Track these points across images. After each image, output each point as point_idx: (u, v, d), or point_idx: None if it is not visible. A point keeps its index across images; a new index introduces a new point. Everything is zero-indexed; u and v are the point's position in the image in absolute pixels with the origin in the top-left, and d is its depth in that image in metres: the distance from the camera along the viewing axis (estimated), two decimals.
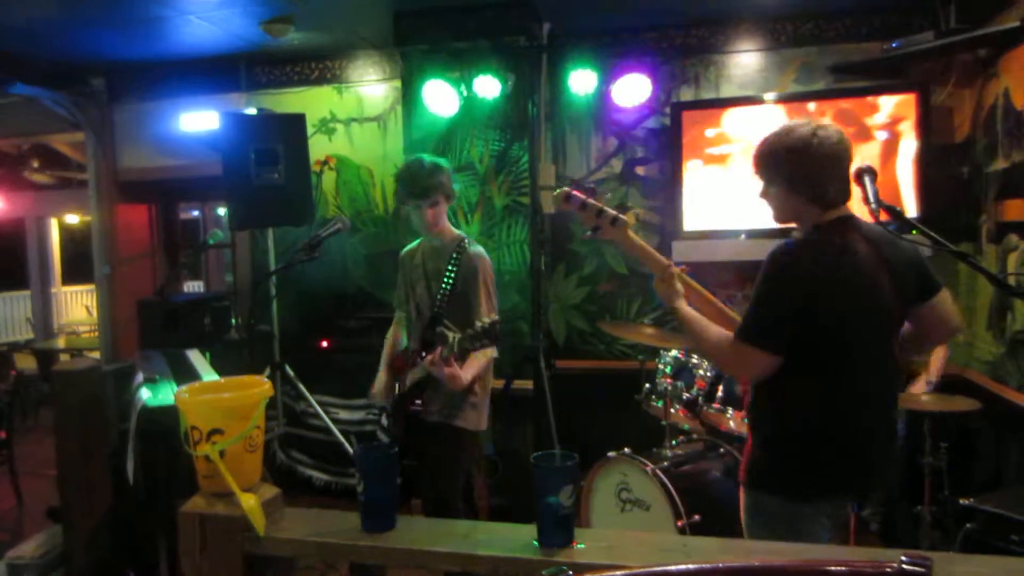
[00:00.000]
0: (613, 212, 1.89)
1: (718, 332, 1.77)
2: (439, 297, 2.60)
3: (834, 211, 1.74)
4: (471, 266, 2.59)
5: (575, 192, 1.91)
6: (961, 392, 3.21)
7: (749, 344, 1.67)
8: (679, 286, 1.87)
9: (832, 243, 1.69)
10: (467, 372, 2.44)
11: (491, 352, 2.45)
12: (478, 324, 2.21)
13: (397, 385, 2.68)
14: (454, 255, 2.62)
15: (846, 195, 1.75)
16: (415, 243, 2.85)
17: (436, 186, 2.57)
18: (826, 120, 1.80)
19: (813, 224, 1.75)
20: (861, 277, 1.67)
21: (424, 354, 2.43)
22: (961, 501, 2.82)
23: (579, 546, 1.29)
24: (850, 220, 1.75)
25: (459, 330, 2.38)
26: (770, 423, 1.78)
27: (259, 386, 1.46)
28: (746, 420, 1.90)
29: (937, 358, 3.40)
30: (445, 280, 2.59)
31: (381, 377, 2.79)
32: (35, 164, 8.14)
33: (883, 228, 1.72)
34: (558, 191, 1.93)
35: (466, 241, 2.67)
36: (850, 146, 1.74)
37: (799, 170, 1.71)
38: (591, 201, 1.90)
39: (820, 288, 1.64)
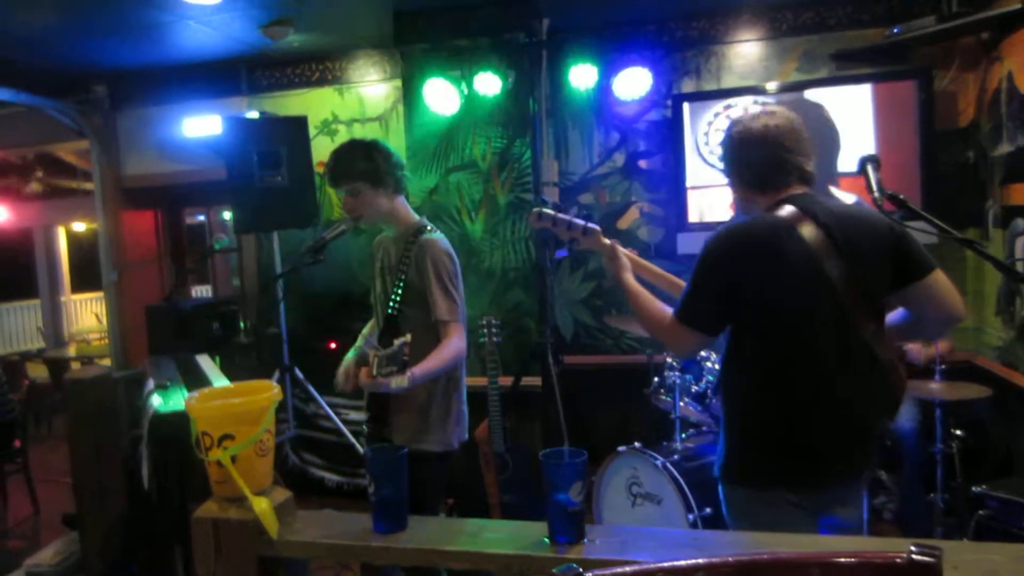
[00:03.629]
0: (581, 222, 1.97)
1: (659, 308, 1.82)
2: (393, 296, 2.28)
3: (779, 194, 1.70)
4: (421, 255, 2.24)
5: (545, 211, 2.00)
6: (971, 379, 3.20)
7: (680, 323, 1.72)
8: (624, 259, 1.96)
9: (763, 226, 1.66)
10: (413, 374, 2.01)
11: (404, 382, 1.95)
12: (396, 343, 1.91)
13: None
14: (408, 246, 2.28)
15: (791, 176, 1.70)
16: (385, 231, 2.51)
17: (349, 173, 2.25)
18: (764, 106, 1.82)
19: (762, 208, 1.73)
20: (794, 260, 1.60)
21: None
22: (973, 488, 2.81)
23: (589, 542, 1.29)
24: (799, 201, 1.67)
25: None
26: (727, 413, 1.79)
27: (268, 391, 1.46)
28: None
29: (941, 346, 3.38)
30: (400, 276, 2.27)
31: (344, 364, 2.45)
32: (40, 173, 8.19)
33: (854, 209, 1.70)
34: (530, 211, 2.03)
35: (426, 227, 2.33)
36: (784, 126, 1.70)
37: (734, 160, 1.78)
38: (560, 216, 1.98)
39: (742, 272, 1.63)
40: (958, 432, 3.22)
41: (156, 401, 2.33)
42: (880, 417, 1.74)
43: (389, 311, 2.28)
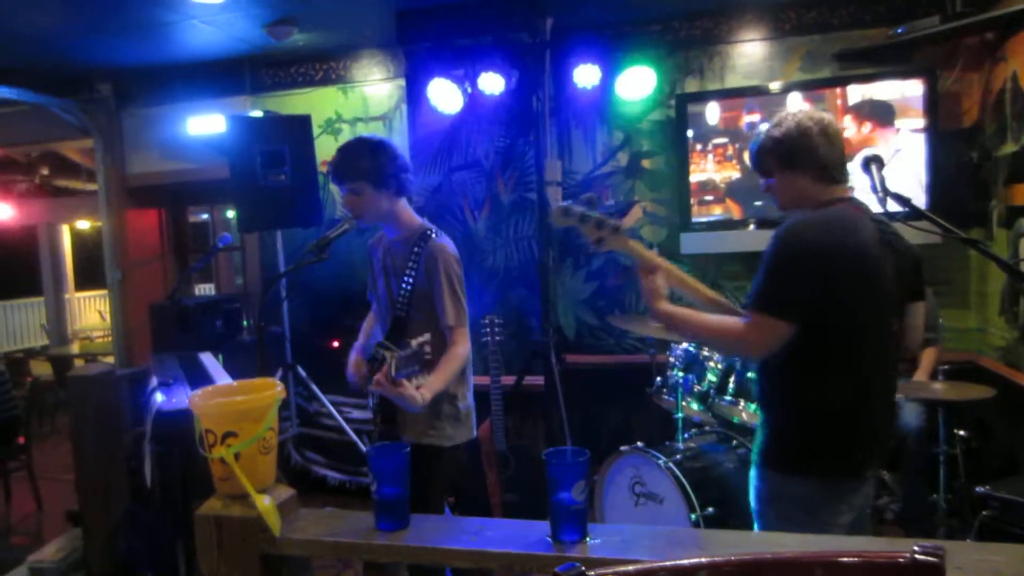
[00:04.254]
0: (614, 221, 1.86)
1: (718, 317, 1.77)
2: (400, 298, 2.28)
3: (837, 189, 1.76)
4: (432, 261, 2.25)
5: (573, 207, 1.86)
6: (974, 379, 3.19)
7: (766, 314, 1.66)
8: (662, 283, 1.85)
9: (842, 218, 1.69)
10: (428, 389, 2.06)
11: (423, 380, 2.00)
12: (413, 344, 1.91)
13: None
14: (415, 249, 2.29)
15: (846, 175, 1.78)
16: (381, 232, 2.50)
17: (352, 171, 2.23)
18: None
19: (818, 203, 1.75)
20: (869, 256, 1.67)
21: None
22: (977, 489, 2.81)
23: (592, 541, 1.29)
24: (854, 200, 1.77)
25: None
26: (790, 403, 1.76)
27: (271, 388, 1.47)
28: (756, 407, 1.90)
29: (928, 356, 3.39)
30: (406, 279, 2.28)
31: (353, 359, 2.48)
32: (45, 171, 8.21)
33: (886, 216, 1.72)
34: (555, 206, 1.89)
35: (431, 232, 2.32)
36: (840, 129, 1.80)
37: (799, 150, 1.75)
38: (588, 213, 1.85)
39: (832, 262, 1.63)
40: (961, 433, 3.21)
41: (159, 398, 2.33)
42: (897, 407, 1.86)
43: (397, 313, 2.29)
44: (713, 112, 3.96)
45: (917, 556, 0.75)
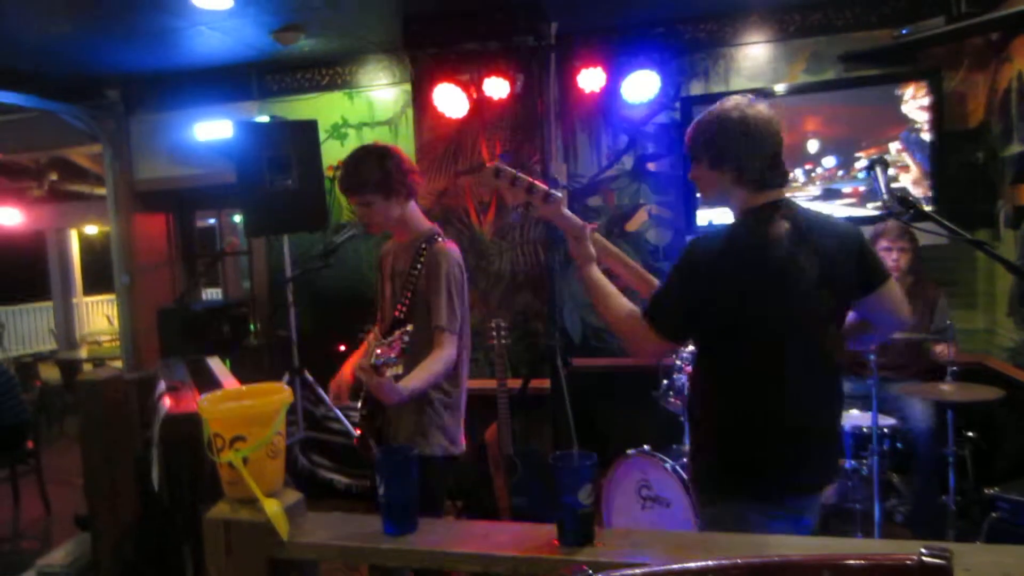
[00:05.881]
0: (545, 188, 1.84)
1: (623, 304, 1.73)
2: (402, 300, 2.26)
3: (764, 194, 1.65)
4: (434, 263, 2.21)
5: (502, 167, 1.85)
6: (983, 380, 3.17)
7: (648, 320, 1.64)
8: (592, 249, 1.83)
9: (750, 233, 1.61)
10: (406, 385, 2.00)
11: (399, 369, 1.93)
12: (396, 334, 1.86)
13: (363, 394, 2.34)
14: (421, 252, 2.26)
15: (779, 178, 1.66)
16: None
17: (362, 185, 2.20)
18: (757, 100, 1.69)
19: (741, 209, 1.68)
20: (779, 270, 1.58)
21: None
22: (986, 490, 2.79)
23: (599, 544, 1.30)
24: (781, 205, 1.64)
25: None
26: (709, 423, 1.71)
27: (279, 393, 1.47)
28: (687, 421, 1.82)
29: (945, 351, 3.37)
30: (409, 281, 2.25)
31: (339, 373, 2.48)
32: (54, 177, 8.27)
33: (821, 215, 1.68)
34: (487, 166, 1.87)
35: (437, 236, 2.30)
36: (779, 128, 1.65)
37: (717, 149, 1.65)
38: (521, 175, 1.84)
39: (724, 287, 1.58)
40: (970, 434, 3.20)
41: (167, 403, 2.34)
42: (838, 421, 1.74)
43: (396, 314, 2.26)
44: None
45: (924, 558, 0.75)
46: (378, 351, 1.83)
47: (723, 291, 1.58)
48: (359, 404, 2.40)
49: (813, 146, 3.88)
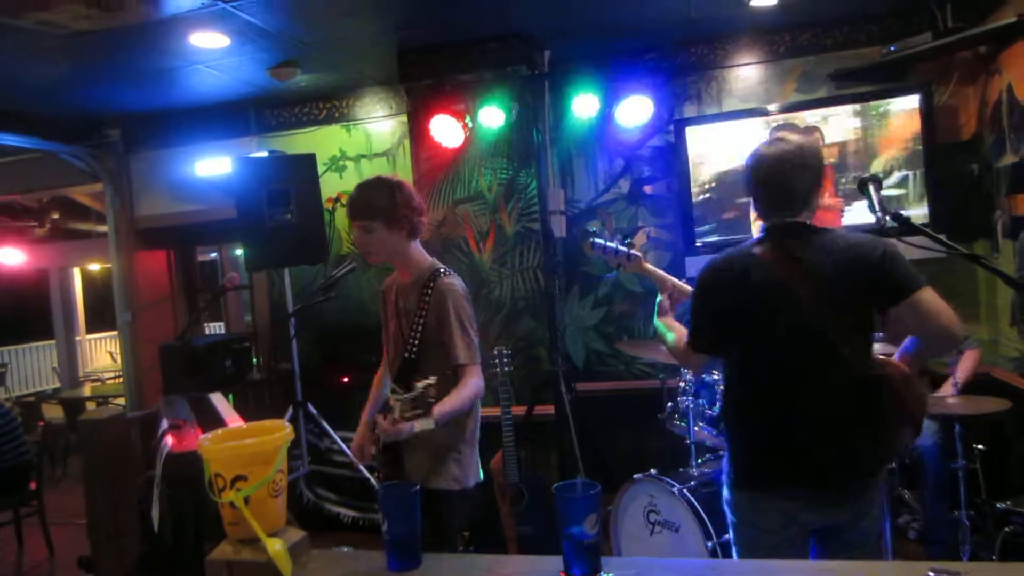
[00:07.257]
0: (626, 250, 2.37)
1: (682, 331, 2.06)
2: (411, 340, 2.27)
3: (773, 219, 1.86)
4: (441, 299, 2.24)
5: (596, 240, 2.42)
6: (990, 392, 3.16)
7: (689, 348, 1.98)
8: (667, 303, 2.26)
9: (735, 259, 1.85)
10: (438, 410, 2.01)
11: (429, 423, 1.96)
12: (418, 386, 1.90)
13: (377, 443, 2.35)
14: (427, 290, 2.28)
15: (778, 211, 1.84)
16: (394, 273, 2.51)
17: (367, 209, 2.23)
18: (785, 132, 1.92)
19: (758, 235, 1.91)
20: (761, 287, 1.79)
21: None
22: (998, 505, 2.76)
23: (605, 575, 1.28)
24: (785, 230, 1.82)
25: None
26: (724, 420, 2.05)
27: (280, 430, 1.47)
28: None
29: (967, 359, 3.35)
30: (417, 320, 2.26)
31: (359, 431, 2.55)
32: (55, 216, 8.34)
33: (838, 236, 1.81)
34: (585, 241, 2.39)
35: (441, 271, 2.33)
36: (790, 155, 1.81)
37: (745, 181, 1.93)
38: (608, 245, 2.40)
39: (722, 302, 1.86)
40: (979, 447, 3.17)
41: (170, 441, 2.34)
42: (860, 425, 1.78)
43: (407, 355, 2.27)
44: (712, 135, 3.99)
45: None
46: (399, 406, 1.91)
47: (719, 305, 1.88)
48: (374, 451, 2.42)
49: None
